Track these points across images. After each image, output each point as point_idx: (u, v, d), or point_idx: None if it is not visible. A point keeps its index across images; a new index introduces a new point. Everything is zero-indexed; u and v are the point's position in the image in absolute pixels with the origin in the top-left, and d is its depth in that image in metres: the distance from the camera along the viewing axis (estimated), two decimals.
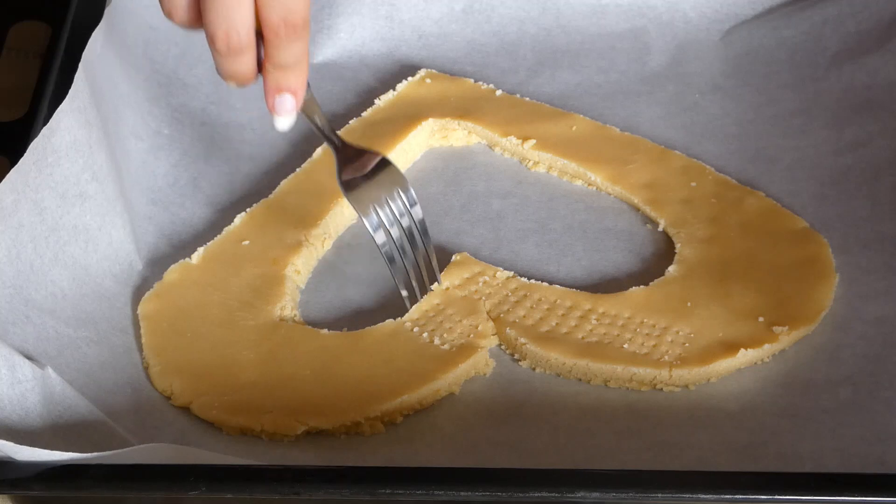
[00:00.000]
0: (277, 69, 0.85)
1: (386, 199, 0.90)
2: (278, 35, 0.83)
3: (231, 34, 0.83)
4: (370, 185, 0.91)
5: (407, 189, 0.91)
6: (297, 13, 0.83)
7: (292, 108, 0.87)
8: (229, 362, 0.90)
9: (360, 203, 0.90)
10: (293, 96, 0.87)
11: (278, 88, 0.86)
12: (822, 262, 0.94)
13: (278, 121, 0.88)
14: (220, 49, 0.83)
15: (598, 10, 1.12)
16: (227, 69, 0.85)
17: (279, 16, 0.83)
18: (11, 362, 0.82)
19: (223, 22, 0.82)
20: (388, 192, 0.91)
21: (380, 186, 0.91)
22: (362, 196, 0.91)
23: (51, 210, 0.91)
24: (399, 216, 0.91)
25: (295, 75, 0.86)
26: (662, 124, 1.05)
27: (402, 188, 0.91)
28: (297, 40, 0.84)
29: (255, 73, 0.86)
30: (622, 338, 0.90)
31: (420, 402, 0.88)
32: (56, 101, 0.92)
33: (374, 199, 0.90)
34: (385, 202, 0.90)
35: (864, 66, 1.05)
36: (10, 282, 0.88)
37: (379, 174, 0.91)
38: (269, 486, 0.76)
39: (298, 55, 0.85)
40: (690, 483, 0.76)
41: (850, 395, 0.87)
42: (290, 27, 0.83)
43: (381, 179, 0.91)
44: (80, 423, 0.83)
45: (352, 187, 0.91)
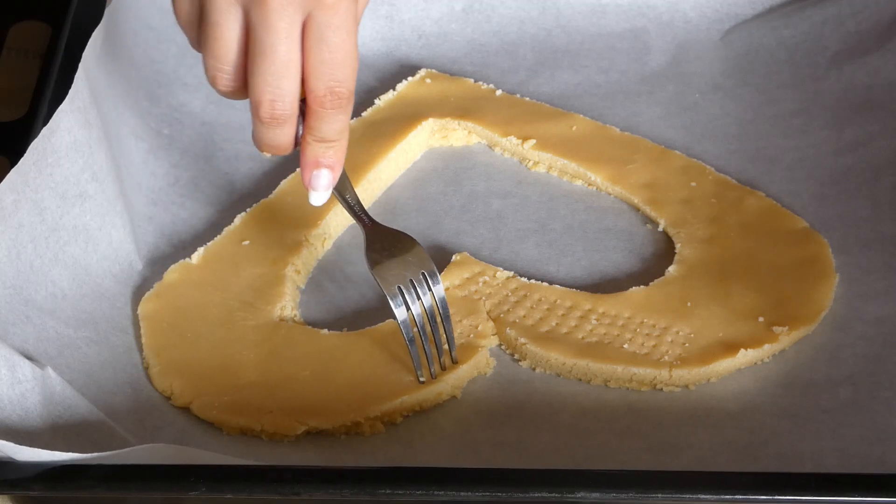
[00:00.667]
0: (318, 142, 0.85)
1: (411, 279, 0.89)
2: (323, 105, 0.83)
3: (277, 103, 0.82)
4: (396, 263, 0.89)
5: (433, 272, 0.89)
6: (343, 84, 0.82)
7: (328, 184, 0.86)
8: (229, 362, 0.90)
9: (385, 282, 0.89)
10: (330, 171, 0.86)
11: (317, 163, 0.85)
12: (822, 262, 0.94)
13: (313, 196, 0.87)
14: (264, 117, 0.82)
15: (598, 10, 1.12)
16: (267, 139, 0.84)
17: (326, 86, 0.82)
18: (11, 362, 0.82)
19: (270, 90, 0.81)
20: (414, 273, 0.89)
21: (406, 266, 0.89)
22: (387, 275, 0.89)
23: (51, 210, 0.91)
24: (422, 296, 0.89)
25: (334, 150, 0.85)
26: (662, 124, 1.05)
27: (428, 270, 0.89)
28: (340, 112, 0.83)
29: (293, 144, 0.85)
30: (622, 338, 0.90)
31: (420, 404, 0.88)
32: (56, 101, 0.92)
33: (400, 279, 0.89)
34: (410, 282, 0.89)
35: (864, 66, 1.05)
36: (10, 282, 0.88)
37: (406, 254, 0.90)
38: (269, 486, 0.76)
39: (340, 129, 0.84)
40: (690, 483, 0.76)
41: (850, 395, 0.87)
42: (337, 98, 0.83)
43: (408, 259, 0.90)
44: (80, 424, 0.83)
45: (378, 265, 0.89)
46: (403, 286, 0.88)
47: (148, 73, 1.06)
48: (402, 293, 0.88)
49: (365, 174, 1.01)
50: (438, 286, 0.89)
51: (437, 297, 0.89)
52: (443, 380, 0.88)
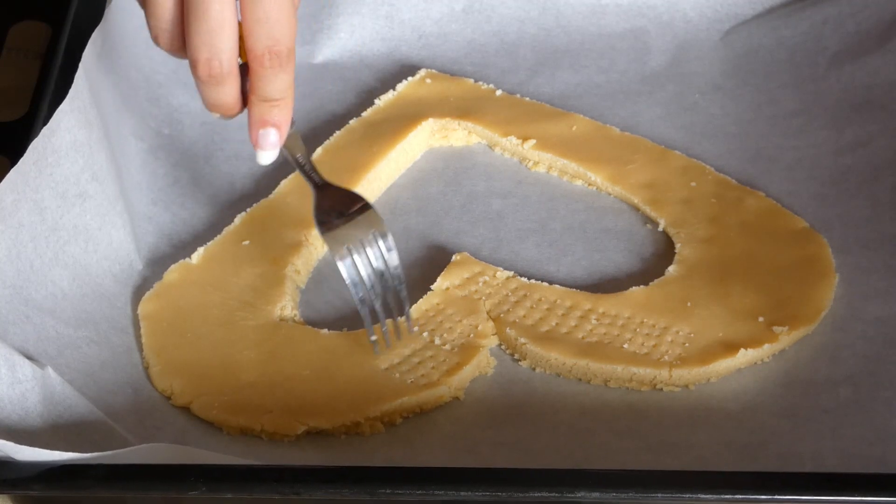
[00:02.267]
0: (262, 102, 0.85)
1: (362, 241, 0.88)
2: (262, 65, 0.83)
3: (213, 61, 0.82)
4: (347, 225, 0.89)
5: (385, 234, 0.88)
6: (281, 42, 0.83)
7: (276, 142, 0.87)
8: (229, 362, 0.90)
9: (335, 243, 0.88)
10: (277, 130, 0.86)
11: (263, 122, 0.86)
12: (822, 262, 0.94)
13: (261, 155, 0.87)
14: (202, 76, 0.83)
15: (598, 10, 1.12)
16: (210, 98, 0.85)
17: (264, 45, 0.82)
18: (11, 362, 0.82)
19: (206, 49, 0.82)
20: (365, 234, 0.88)
21: (357, 228, 0.88)
22: (338, 236, 0.88)
23: (51, 210, 0.91)
24: (374, 260, 0.88)
25: (279, 109, 0.85)
26: (662, 124, 1.05)
27: (381, 232, 0.88)
28: (281, 71, 0.84)
29: (238, 104, 0.86)
30: (622, 338, 0.90)
31: (421, 406, 0.88)
32: (56, 101, 0.92)
33: (350, 241, 0.88)
34: (361, 244, 0.88)
35: (864, 66, 1.05)
36: (10, 282, 0.88)
37: (358, 216, 0.89)
38: (269, 486, 0.76)
39: (283, 88, 0.85)
40: (690, 483, 0.76)
41: (850, 395, 0.87)
42: (276, 56, 0.83)
43: (360, 221, 0.89)
44: (80, 423, 0.83)
45: (328, 226, 0.89)
46: (353, 247, 0.88)
47: (148, 73, 1.06)
48: (352, 254, 0.87)
49: (365, 174, 1.01)
50: (391, 248, 0.88)
51: (389, 259, 0.88)
52: (445, 382, 0.88)
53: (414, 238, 0.99)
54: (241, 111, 0.86)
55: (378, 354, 0.89)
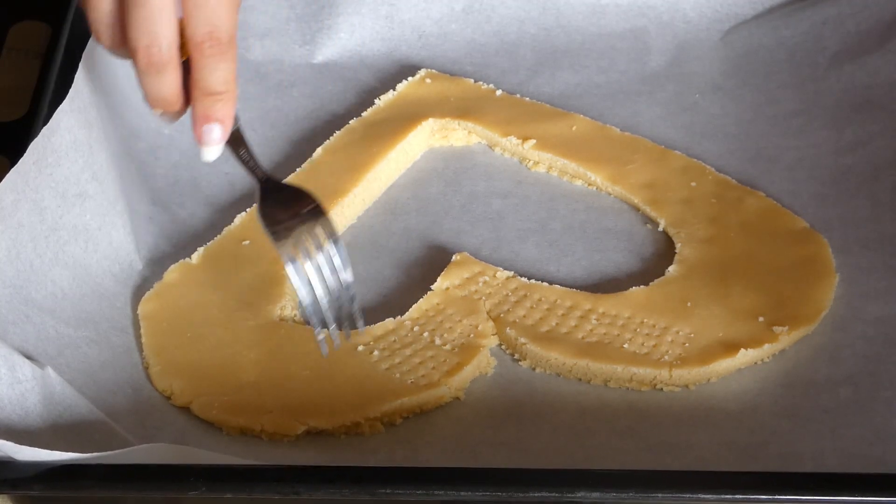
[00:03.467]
0: (205, 96, 0.83)
1: (310, 239, 0.86)
2: (202, 52, 0.82)
3: (152, 48, 0.81)
4: (293, 222, 0.86)
5: (333, 232, 0.87)
6: (221, 29, 0.82)
7: (219, 138, 0.85)
8: (229, 362, 0.90)
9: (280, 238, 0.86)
10: (221, 126, 0.84)
11: (206, 118, 0.84)
12: (822, 262, 0.94)
13: (204, 151, 0.85)
14: (142, 64, 0.82)
15: (598, 10, 1.12)
16: (152, 91, 0.83)
17: (203, 31, 0.81)
18: (11, 362, 0.82)
19: (145, 35, 0.81)
20: (311, 230, 0.86)
21: (303, 223, 0.86)
22: (283, 232, 0.86)
23: (51, 210, 0.91)
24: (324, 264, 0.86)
25: (222, 104, 0.84)
26: (662, 124, 1.05)
27: (326, 228, 0.87)
28: (222, 60, 0.82)
29: (180, 98, 0.84)
30: (622, 338, 0.90)
31: (421, 406, 0.88)
32: (56, 101, 0.92)
33: (296, 239, 0.86)
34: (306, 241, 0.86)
35: (864, 66, 1.05)
36: (10, 281, 0.88)
37: (304, 212, 0.87)
38: (269, 486, 0.76)
39: (226, 79, 0.83)
40: (690, 483, 0.76)
41: (850, 395, 0.87)
42: (216, 42, 0.82)
43: (306, 217, 0.87)
44: (80, 423, 0.83)
45: (273, 222, 0.87)
46: (299, 244, 0.86)
47: None
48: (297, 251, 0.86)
49: (365, 174, 1.01)
50: (339, 245, 0.87)
51: (337, 256, 0.86)
52: (445, 382, 0.88)
53: (414, 238, 0.99)
54: (185, 111, 0.85)
55: (325, 356, 0.87)
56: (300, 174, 1.01)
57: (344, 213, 1.00)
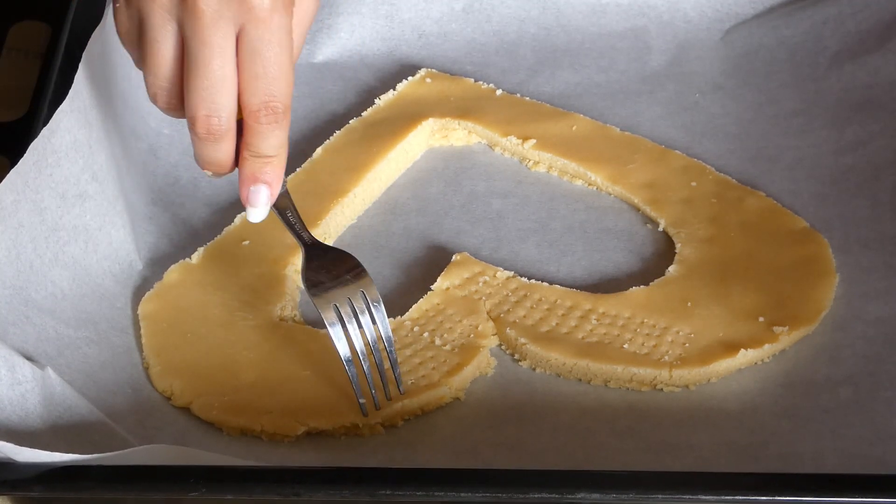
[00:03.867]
0: (255, 158, 0.84)
1: (350, 301, 0.87)
2: (258, 121, 0.82)
3: (212, 119, 0.82)
4: (337, 286, 0.87)
5: (376, 298, 0.87)
6: (278, 98, 0.82)
7: (267, 201, 0.85)
8: (229, 362, 0.90)
9: (325, 304, 0.86)
10: (268, 188, 0.85)
11: (254, 179, 0.85)
12: (822, 262, 0.94)
13: (251, 212, 0.86)
14: (200, 133, 0.82)
15: (598, 10, 1.12)
16: (206, 156, 0.84)
17: (261, 100, 0.82)
18: (11, 363, 0.82)
19: (205, 105, 0.81)
20: (353, 293, 0.87)
21: (346, 287, 0.87)
22: (328, 297, 0.87)
23: (51, 210, 0.91)
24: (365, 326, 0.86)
25: (272, 167, 0.85)
26: (662, 124, 1.05)
27: (370, 292, 0.87)
28: (277, 128, 0.83)
29: (232, 161, 0.85)
30: (622, 338, 0.90)
31: (422, 408, 0.88)
32: (56, 101, 0.92)
33: (339, 301, 0.86)
34: (351, 307, 0.86)
35: (865, 65, 1.05)
36: (10, 282, 0.88)
37: (348, 276, 0.87)
38: (269, 486, 0.76)
39: (278, 145, 0.84)
40: (690, 483, 0.76)
41: (850, 395, 0.87)
42: (272, 112, 0.82)
43: (350, 282, 0.87)
44: (80, 424, 0.83)
45: (318, 287, 0.87)
46: (342, 308, 0.86)
47: None
48: (341, 316, 0.86)
49: (365, 174, 1.01)
50: (380, 310, 0.87)
51: (379, 321, 0.87)
52: (445, 383, 0.88)
53: (414, 238, 0.99)
54: (234, 168, 0.86)
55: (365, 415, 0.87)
56: (300, 174, 1.01)
57: (344, 212, 1.00)
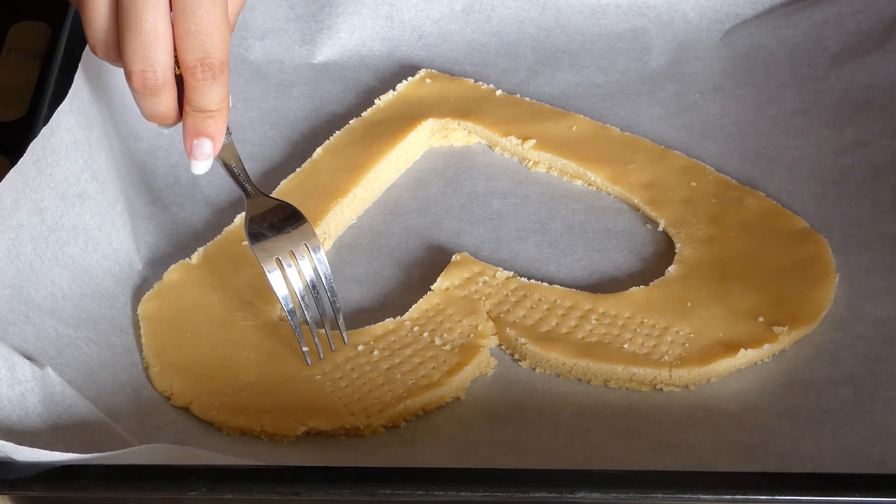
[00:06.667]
0: (196, 112, 0.86)
1: (294, 253, 0.89)
2: (195, 77, 0.84)
3: (147, 73, 0.83)
4: (279, 237, 0.90)
5: (317, 247, 0.89)
6: (213, 55, 0.83)
7: (209, 153, 0.87)
8: (229, 362, 0.90)
9: (265, 255, 0.89)
10: (211, 141, 0.87)
11: (196, 133, 0.86)
12: (822, 262, 0.94)
13: (194, 165, 0.88)
14: (137, 88, 0.84)
15: (598, 10, 1.12)
16: (147, 109, 0.85)
17: (196, 57, 0.83)
18: (11, 362, 0.82)
19: (140, 60, 0.83)
20: (296, 246, 0.89)
21: (289, 240, 0.90)
22: (268, 247, 0.89)
23: (50, 210, 0.91)
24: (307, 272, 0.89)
25: (213, 120, 0.86)
26: (662, 124, 1.05)
27: (311, 242, 0.89)
28: (214, 83, 0.84)
29: (175, 114, 0.86)
30: (622, 338, 0.90)
31: (423, 408, 0.88)
32: (56, 101, 0.92)
33: (281, 252, 0.89)
34: (292, 256, 0.89)
35: (865, 66, 1.05)
36: (10, 282, 0.88)
37: (291, 228, 0.90)
38: (269, 486, 0.76)
39: (218, 99, 0.85)
40: (690, 483, 0.76)
41: (850, 395, 0.87)
42: (208, 68, 0.83)
43: (292, 232, 0.90)
44: (80, 424, 0.83)
45: (259, 238, 0.90)
46: (283, 258, 0.89)
47: None
48: (282, 266, 0.88)
49: (365, 174, 1.01)
50: (321, 258, 0.89)
51: (321, 269, 0.89)
52: (445, 383, 0.88)
53: (414, 238, 0.99)
54: (179, 121, 0.87)
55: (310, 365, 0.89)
56: (300, 174, 1.01)
57: (344, 212, 1.00)
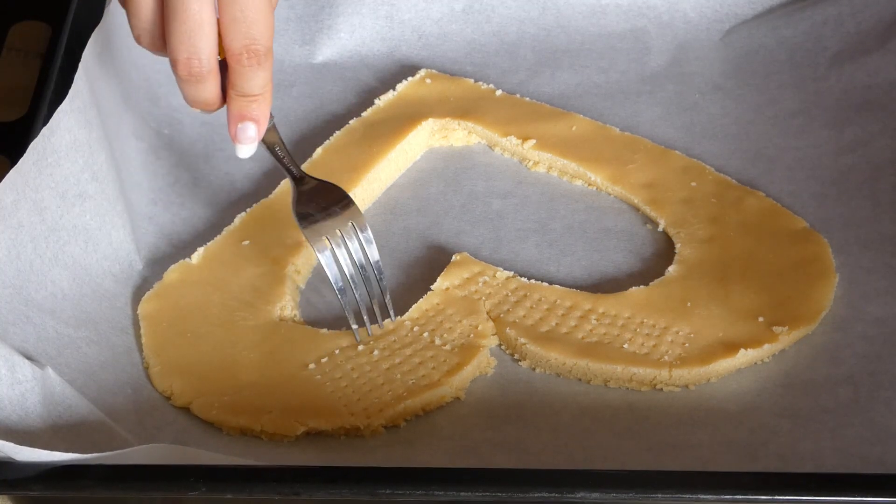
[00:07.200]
0: (241, 97, 0.87)
1: (342, 233, 0.91)
2: (241, 63, 0.85)
3: (193, 60, 0.84)
4: (327, 218, 0.91)
5: (364, 226, 0.91)
6: (259, 41, 0.84)
7: (254, 136, 0.88)
8: (229, 362, 0.90)
9: (315, 235, 0.90)
10: (255, 125, 0.88)
11: (241, 117, 0.88)
12: (822, 262, 0.94)
13: (240, 149, 0.89)
14: (182, 75, 0.85)
15: (598, 10, 1.12)
16: (191, 95, 0.87)
17: (241, 43, 0.84)
18: (11, 362, 0.82)
19: (185, 48, 0.84)
20: (344, 226, 0.91)
21: (336, 220, 0.91)
22: (317, 229, 0.91)
23: (51, 210, 0.91)
24: (353, 252, 0.91)
25: (258, 104, 0.87)
26: (662, 124, 1.05)
27: (359, 225, 0.91)
28: (259, 69, 0.85)
29: (219, 99, 0.87)
30: (622, 338, 0.90)
31: (424, 408, 0.88)
32: (56, 101, 0.92)
33: (329, 233, 0.90)
34: (341, 237, 0.90)
35: (864, 66, 1.05)
36: (10, 282, 0.88)
37: (336, 207, 0.91)
38: (269, 486, 0.76)
39: (262, 84, 0.86)
40: (690, 483, 0.76)
41: (850, 395, 0.87)
42: (253, 55, 0.85)
43: (339, 213, 0.91)
44: (80, 424, 0.83)
45: (307, 219, 0.91)
46: (333, 240, 0.90)
47: (148, 73, 1.06)
48: (332, 246, 0.90)
49: (365, 174, 1.01)
50: (370, 241, 0.91)
51: (368, 248, 0.91)
52: (445, 382, 0.88)
53: (414, 238, 0.99)
54: (222, 106, 0.88)
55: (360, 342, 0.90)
56: None
57: None
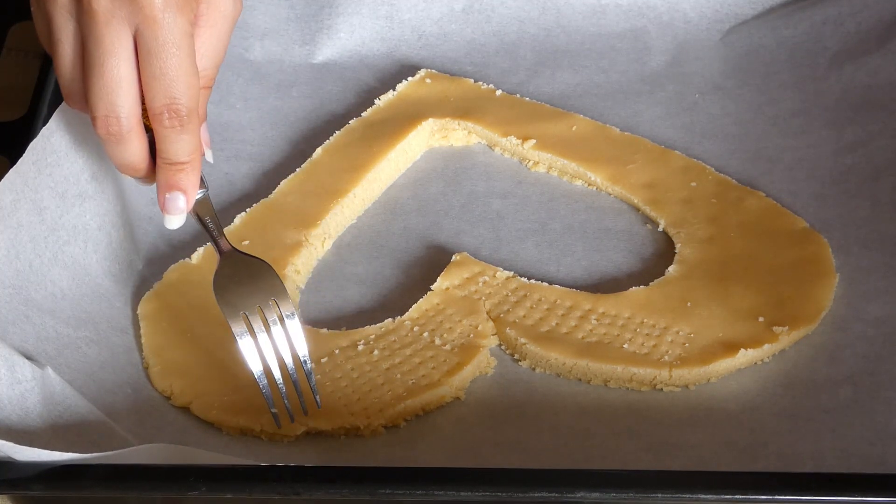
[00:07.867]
0: (167, 165, 0.83)
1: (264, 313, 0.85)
2: (162, 124, 0.82)
3: (111, 119, 0.81)
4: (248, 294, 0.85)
5: (288, 306, 0.85)
6: (179, 101, 0.81)
7: (183, 207, 0.85)
8: (229, 362, 0.90)
9: (234, 315, 0.84)
10: (184, 195, 0.85)
11: (169, 186, 0.84)
12: (822, 262, 0.94)
13: (168, 220, 0.85)
14: (101, 133, 0.82)
15: (598, 10, 1.12)
16: (116, 157, 0.84)
17: (161, 103, 0.81)
18: (11, 362, 0.82)
19: (103, 105, 0.81)
20: (265, 303, 0.85)
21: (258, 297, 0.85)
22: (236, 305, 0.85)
23: (50, 210, 0.91)
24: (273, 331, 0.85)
25: (185, 174, 0.84)
26: (662, 124, 1.05)
27: (282, 302, 0.85)
28: (183, 132, 0.82)
29: (146, 166, 0.84)
30: (622, 338, 0.90)
31: (423, 408, 0.88)
32: (56, 101, 0.92)
33: (248, 310, 0.84)
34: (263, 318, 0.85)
35: (864, 66, 1.05)
36: (9, 282, 0.88)
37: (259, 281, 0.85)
38: (269, 486, 0.76)
39: (189, 150, 0.83)
40: (690, 483, 0.76)
41: (850, 395, 0.87)
42: (174, 115, 0.81)
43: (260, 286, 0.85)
44: (79, 423, 0.83)
45: (227, 295, 0.85)
46: (252, 318, 0.84)
47: None
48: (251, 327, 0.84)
49: (365, 174, 1.01)
50: (294, 320, 0.85)
51: (292, 332, 0.85)
52: (445, 382, 0.88)
53: (414, 238, 0.99)
54: (152, 174, 0.85)
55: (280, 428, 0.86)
56: (300, 174, 1.01)
57: (344, 212, 1.00)
